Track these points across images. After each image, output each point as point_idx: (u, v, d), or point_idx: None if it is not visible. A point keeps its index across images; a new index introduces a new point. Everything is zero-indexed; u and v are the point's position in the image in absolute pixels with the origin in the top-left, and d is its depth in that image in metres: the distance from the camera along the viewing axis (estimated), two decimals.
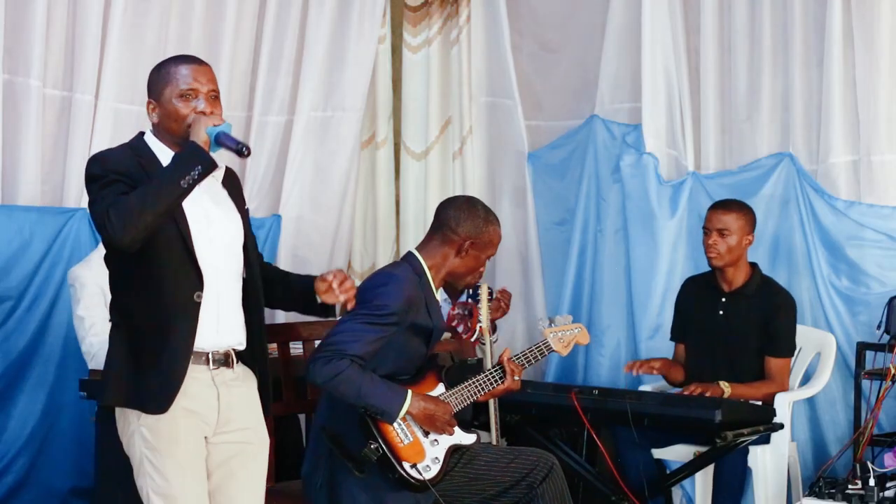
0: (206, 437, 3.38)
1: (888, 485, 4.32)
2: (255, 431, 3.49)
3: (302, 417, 5.02)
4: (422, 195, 6.42)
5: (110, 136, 5.11)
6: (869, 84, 5.23)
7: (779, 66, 5.51)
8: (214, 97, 3.39)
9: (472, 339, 5.38)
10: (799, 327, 5.12)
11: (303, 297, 3.61)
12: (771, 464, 4.81)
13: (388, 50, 6.32)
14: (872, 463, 4.47)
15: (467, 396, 4.05)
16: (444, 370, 4.09)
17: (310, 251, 6.02)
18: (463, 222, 4.03)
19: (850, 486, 4.29)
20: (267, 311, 5.76)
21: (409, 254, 4.09)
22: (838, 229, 5.31)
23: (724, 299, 5.01)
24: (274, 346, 4.49)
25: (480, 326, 4.78)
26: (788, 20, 5.43)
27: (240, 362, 3.46)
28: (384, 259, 6.38)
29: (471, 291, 5.74)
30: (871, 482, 4.28)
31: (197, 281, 3.31)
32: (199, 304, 3.31)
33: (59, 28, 5.06)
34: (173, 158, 3.28)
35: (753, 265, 5.05)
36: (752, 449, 4.77)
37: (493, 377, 4.11)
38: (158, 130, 3.41)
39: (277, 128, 5.90)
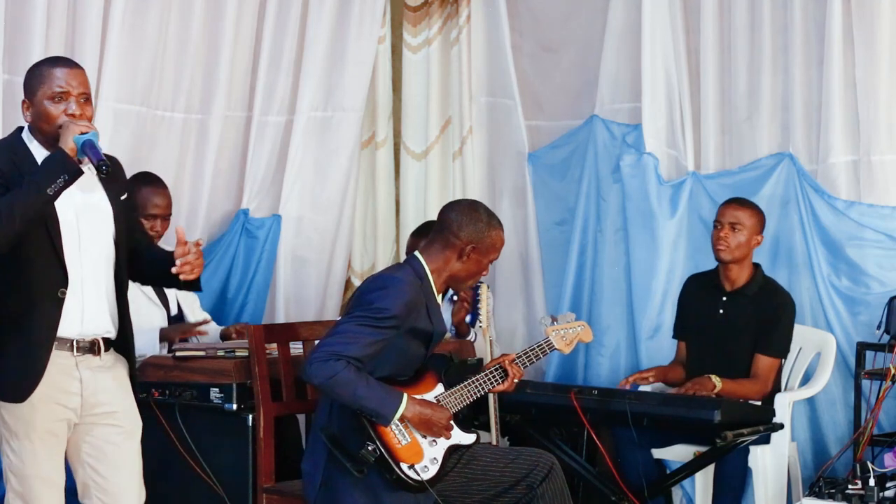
0: (72, 422, 3.53)
1: (888, 485, 4.32)
2: (126, 414, 3.64)
3: (302, 418, 5.02)
4: (422, 195, 6.41)
5: (109, 136, 5.11)
6: (869, 84, 5.23)
7: (779, 66, 5.51)
8: (85, 100, 3.51)
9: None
10: (799, 327, 5.12)
11: (159, 268, 3.71)
12: (771, 464, 4.81)
13: (388, 50, 6.32)
14: (872, 463, 4.47)
15: (466, 396, 4.05)
16: (443, 370, 4.08)
17: (310, 251, 6.02)
18: (465, 226, 4.02)
19: (850, 486, 4.29)
20: (267, 310, 5.85)
21: (412, 256, 4.08)
22: (838, 229, 5.31)
23: (724, 298, 5.02)
24: (274, 346, 4.50)
25: (482, 327, 4.79)
26: (788, 20, 5.43)
27: (111, 350, 3.60)
28: (384, 259, 6.38)
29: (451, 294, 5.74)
30: (871, 482, 4.27)
31: (62, 278, 3.46)
32: (62, 299, 3.46)
33: (59, 28, 5.05)
34: (41, 164, 3.41)
35: (756, 266, 5.05)
36: (752, 449, 4.77)
37: (493, 377, 4.10)
38: (32, 129, 3.54)
39: (277, 128, 5.89)
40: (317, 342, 4.02)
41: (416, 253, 4.08)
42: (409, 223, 6.37)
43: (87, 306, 3.52)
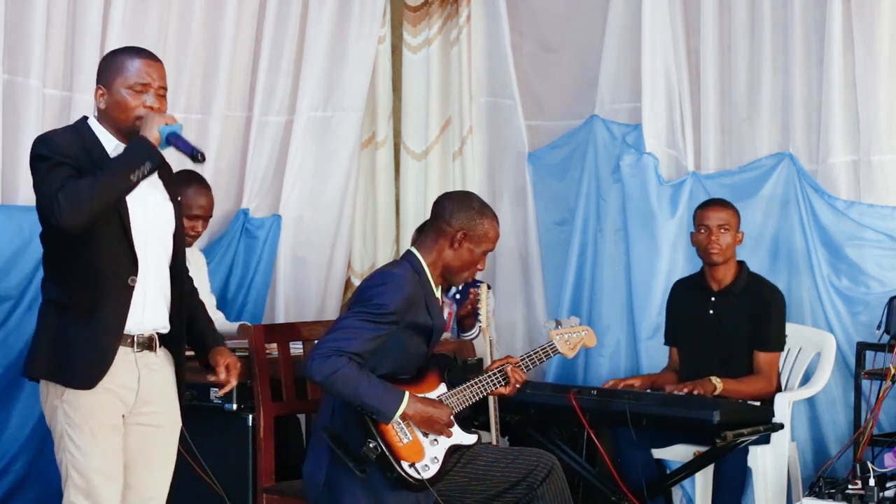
0: (122, 415, 3.52)
1: (888, 485, 4.32)
2: (169, 415, 3.65)
3: (302, 417, 5.02)
4: (422, 195, 6.42)
5: None
6: (869, 84, 5.23)
7: (779, 66, 5.51)
8: (162, 94, 3.53)
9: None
10: (799, 327, 5.12)
11: (195, 346, 3.80)
12: (771, 464, 4.81)
13: (388, 50, 6.32)
14: (872, 463, 4.47)
15: (469, 397, 4.05)
16: (446, 370, 4.08)
17: (310, 251, 6.02)
18: (456, 213, 4.02)
19: (850, 486, 4.29)
20: (267, 310, 5.85)
21: (409, 252, 4.08)
22: (838, 229, 5.31)
23: (713, 298, 5.02)
24: (274, 345, 4.50)
25: (482, 327, 4.78)
26: (788, 20, 5.43)
27: (162, 346, 3.61)
28: (384, 259, 6.38)
29: (458, 289, 5.75)
30: (871, 482, 4.28)
31: (132, 265, 3.47)
32: (132, 287, 3.47)
33: (59, 28, 5.05)
34: (125, 150, 3.43)
35: (741, 263, 5.06)
36: (752, 449, 4.77)
37: (496, 379, 4.10)
38: (103, 117, 3.53)
39: (277, 128, 5.90)
40: (317, 341, 4.03)
41: (412, 248, 4.08)
42: (409, 223, 6.38)
43: (147, 300, 3.53)
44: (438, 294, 4.09)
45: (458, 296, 5.76)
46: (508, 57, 6.22)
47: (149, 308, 3.54)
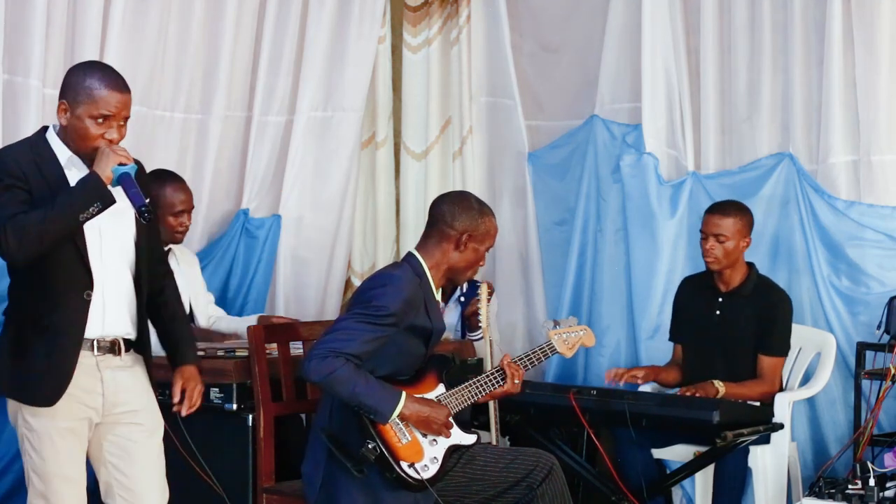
0: (93, 422, 3.54)
1: (888, 485, 4.33)
2: (147, 413, 3.64)
3: (302, 417, 5.02)
4: (422, 195, 6.41)
5: None
6: (869, 84, 5.23)
7: (779, 66, 5.51)
8: (124, 123, 3.49)
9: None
10: (799, 327, 5.12)
11: (170, 360, 3.79)
12: (771, 464, 4.81)
13: (388, 50, 6.32)
14: (872, 463, 4.47)
15: (467, 397, 4.05)
16: (444, 371, 4.08)
17: (310, 251, 6.02)
18: (458, 216, 4.03)
19: (850, 486, 4.30)
20: (267, 310, 5.84)
21: (410, 254, 4.09)
22: (838, 229, 5.31)
23: (720, 299, 5.02)
24: (274, 345, 4.50)
25: (482, 326, 4.78)
26: (788, 20, 5.43)
27: (131, 350, 3.60)
28: (384, 259, 6.38)
29: (464, 289, 5.74)
30: (871, 482, 4.28)
31: (87, 280, 3.46)
32: (88, 301, 3.46)
33: (59, 28, 5.05)
34: (75, 187, 3.39)
35: (750, 265, 5.05)
36: (752, 449, 4.77)
37: (494, 378, 4.10)
38: (63, 132, 3.50)
39: (277, 128, 5.89)
40: (315, 342, 4.03)
41: (413, 251, 4.09)
42: (409, 223, 6.38)
43: (108, 307, 3.52)
44: (438, 297, 4.09)
45: (462, 298, 5.76)
46: (508, 57, 6.21)
47: (109, 316, 3.53)
